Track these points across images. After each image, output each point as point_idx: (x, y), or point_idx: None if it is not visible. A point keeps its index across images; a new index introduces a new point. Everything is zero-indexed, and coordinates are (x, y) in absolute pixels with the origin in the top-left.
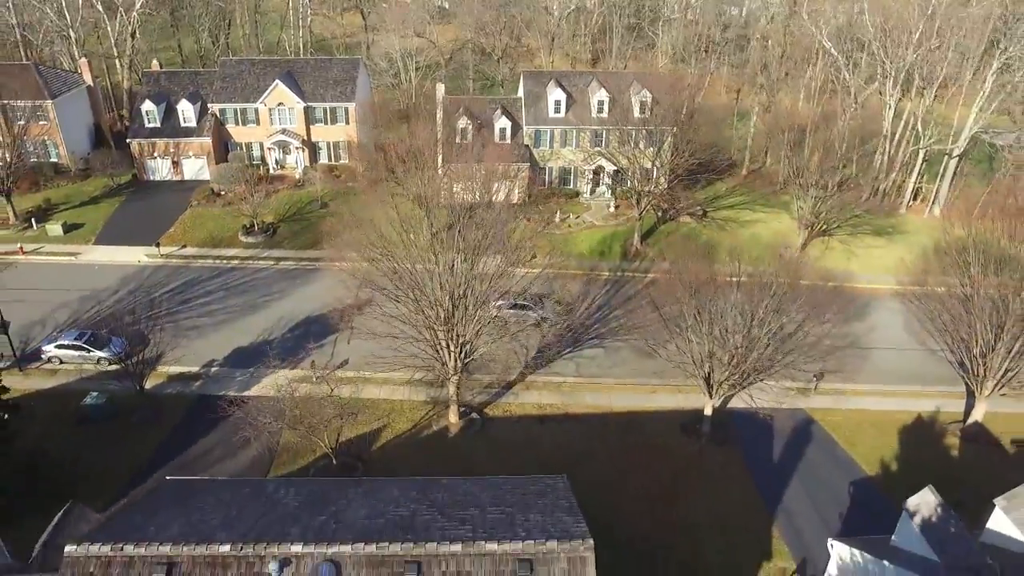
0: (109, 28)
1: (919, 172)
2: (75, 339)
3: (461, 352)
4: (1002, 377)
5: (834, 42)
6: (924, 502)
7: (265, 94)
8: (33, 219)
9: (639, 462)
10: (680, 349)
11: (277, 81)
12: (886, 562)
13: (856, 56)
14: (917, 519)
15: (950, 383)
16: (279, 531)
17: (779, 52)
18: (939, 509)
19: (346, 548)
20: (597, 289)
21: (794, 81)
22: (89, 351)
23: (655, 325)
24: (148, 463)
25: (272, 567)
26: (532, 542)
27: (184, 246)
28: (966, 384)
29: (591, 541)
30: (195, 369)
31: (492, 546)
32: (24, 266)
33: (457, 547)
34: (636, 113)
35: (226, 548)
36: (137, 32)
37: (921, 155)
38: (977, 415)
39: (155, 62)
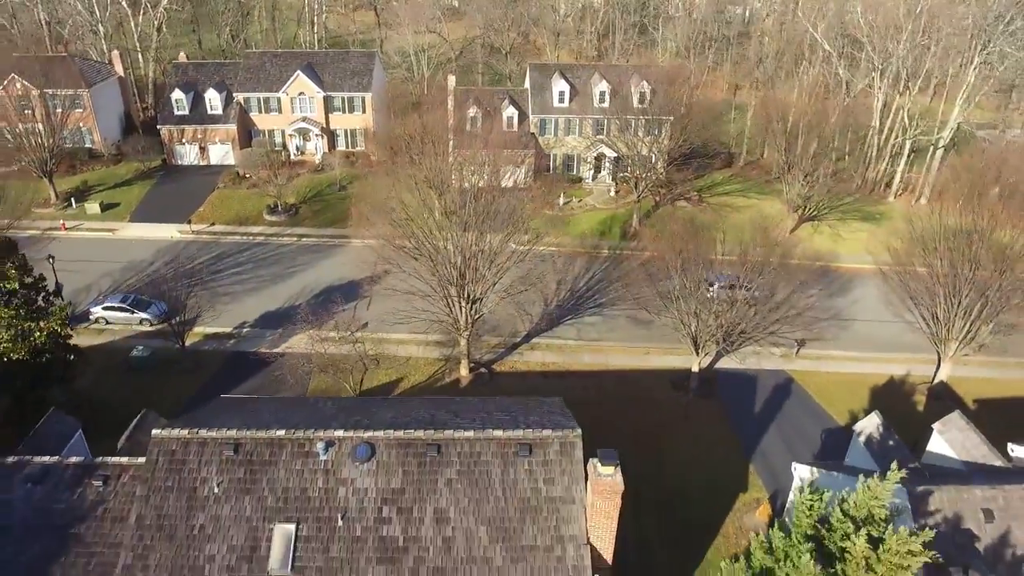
0: (132, 24)
1: (907, 162)
2: (120, 302)
3: (472, 309)
4: (963, 339)
5: (827, 38)
6: (870, 423)
7: (287, 84)
8: (72, 199)
9: (632, 411)
10: (669, 308)
11: (298, 72)
12: (835, 472)
13: (849, 51)
14: (863, 438)
15: (922, 350)
16: (323, 424)
17: (775, 48)
18: (881, 428)
19: (379, 433)
20: (598, 265)
21: (789, 76)
22: (132, 312)
23: (650, 295)
24: (193, 402)
25: (319, 446)
26: (531, 431)
27: (213, 223)
28: (936, 349)
29: (579, 431)
30: (229, 329)
31: (498, 433)
32: (67, 240)
33: (470, 433)
34: (635, 103)
35: (281, 433)
36: (164, 27)
37: (908, 146)
38: (943, 375)
39: (182, 54)
